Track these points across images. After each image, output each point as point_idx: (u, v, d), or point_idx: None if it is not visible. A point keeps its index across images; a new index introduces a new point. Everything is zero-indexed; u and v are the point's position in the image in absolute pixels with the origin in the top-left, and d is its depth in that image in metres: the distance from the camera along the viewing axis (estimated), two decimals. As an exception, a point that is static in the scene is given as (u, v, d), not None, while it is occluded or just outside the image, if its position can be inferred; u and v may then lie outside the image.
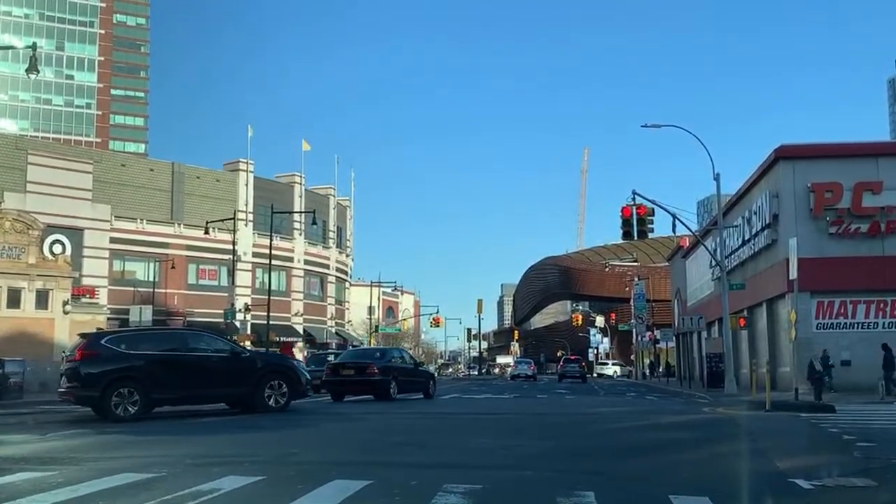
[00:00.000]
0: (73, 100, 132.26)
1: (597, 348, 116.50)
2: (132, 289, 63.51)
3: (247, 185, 75.21)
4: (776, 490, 7.74)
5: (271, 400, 19.56)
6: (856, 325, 31.50)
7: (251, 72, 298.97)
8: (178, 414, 18.59)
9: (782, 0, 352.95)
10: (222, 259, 68.67)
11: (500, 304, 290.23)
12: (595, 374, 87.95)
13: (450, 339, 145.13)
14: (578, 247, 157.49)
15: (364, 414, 19.76)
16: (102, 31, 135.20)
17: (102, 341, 18.55)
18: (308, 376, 21.54)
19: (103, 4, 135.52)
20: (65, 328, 47.85)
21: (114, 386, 17.56)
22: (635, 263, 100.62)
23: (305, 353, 68.24)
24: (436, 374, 38.51)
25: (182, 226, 69.69)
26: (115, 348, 18.28)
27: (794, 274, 23.82)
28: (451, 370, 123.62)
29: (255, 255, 71.65)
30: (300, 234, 79.72)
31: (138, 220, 67.56)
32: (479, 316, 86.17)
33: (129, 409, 17.61)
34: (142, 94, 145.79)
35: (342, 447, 12.09)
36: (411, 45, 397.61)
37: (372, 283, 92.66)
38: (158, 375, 18.16)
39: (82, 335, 20.03)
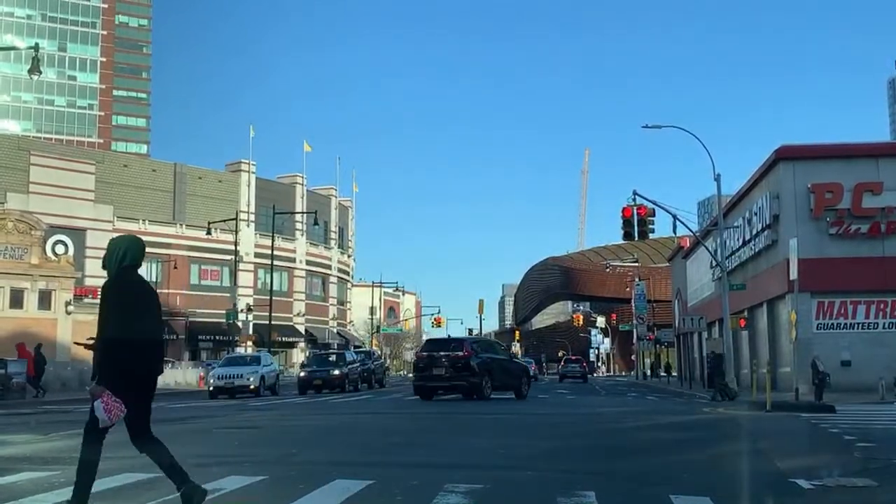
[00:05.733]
0: (75, 100, 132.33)
1: (598, 348, 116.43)
2: (134, 289, 63.47)
3: (249, 185, 75.26)
4: (777, 490, 7.77)
5: (527, 392, 28.36)
6: (856, 326, 31.46)
7: (253, 72, 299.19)
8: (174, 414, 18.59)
9: (782, 1, 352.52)
10: (224, 259, 68.72)
11: (502, 304, 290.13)
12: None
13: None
14: (579, 247, 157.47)
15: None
16: (104, 32, 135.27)
17: (469, 343, 27.35)
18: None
19: (105, 5, 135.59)
20: (67, 328, 47.93)
21: (483, 375, 25.57)
22: (636, 264, 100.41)
23: (307, 353, 68.38)
24: None
25: (184, 226, 69.74)
26: (475, 349, 26.64)
27: (794, 274, 23.80)
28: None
29: (257, 255, 71.70)
30: (302, 235, 79.76)
31: (140, 221, 67.61)
32: (481, 316, 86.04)
33: (488, 391, 25.86)
34: (144, 95, 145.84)
35: (343, 447, 12.12)
36: (412, 44, 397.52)
37: (374, 283, 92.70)
38: (493, 370, 26.44)
39: (452, 339, 30.10)
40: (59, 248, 55.99)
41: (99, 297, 5.87)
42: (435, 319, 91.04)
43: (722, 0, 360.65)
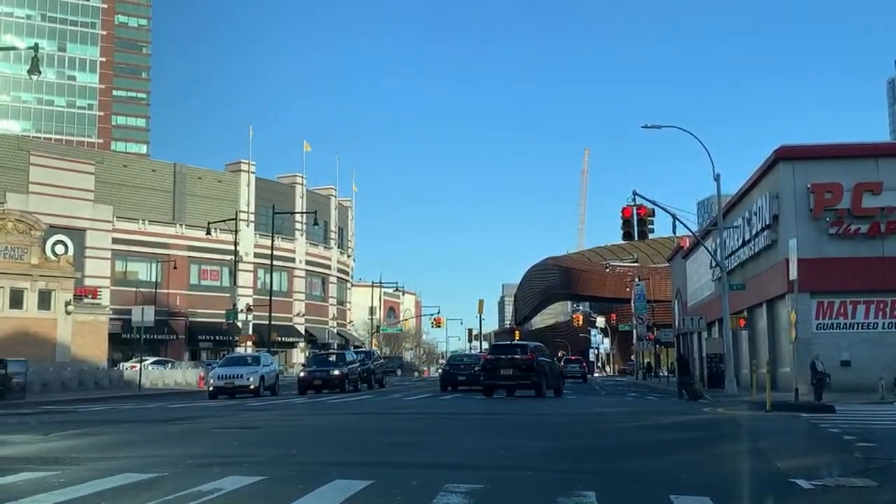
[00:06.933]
0: (74, 101, 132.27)
1: (597, 349, 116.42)
2: (134, 289, 63.56)
3: (248, 185, 75.26)
4: (777, 490, 7.77)
5: (563, 390, 33.16)
6: (856, 326, 31.48)
7: (253, 73, 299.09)
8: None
9: (782, 2, 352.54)
10: (224, 259, 68.71)
11: (501, 304, 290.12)
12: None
13: (451, 340, 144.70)
14: (579, 247, 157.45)
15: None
16: (104, 32, 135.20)
17: (531, 348, 30.63)
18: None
19: (105, 5, 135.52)
20: (67, 328, 47.94)
21: (542, 376, 29.35)
22: (636, 264, 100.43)
23: (307, 354, 68.39)
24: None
25: (184, 226, 69.74)
26: (537, 353, 30.19)
27: (794, 274, 23.81)
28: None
29: (256, 255, 71.71)
30: (302, 235, 79.76)
31: (140, 221, 67.61)
32: (481, 316, 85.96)
33: (545, 390, 29.55)
34: (143, 95, 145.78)
35: (342, 447, 12.11)
36: (412, 44, 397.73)
37: (373, 283, 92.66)
38: (546, 372, 30.22)
39: (518, 344, 33.25)
40: (59, 249, 55.94)
41: None
42: (435, 319, 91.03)
43: (722, 1, 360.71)
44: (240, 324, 65.56)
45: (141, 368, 42.20)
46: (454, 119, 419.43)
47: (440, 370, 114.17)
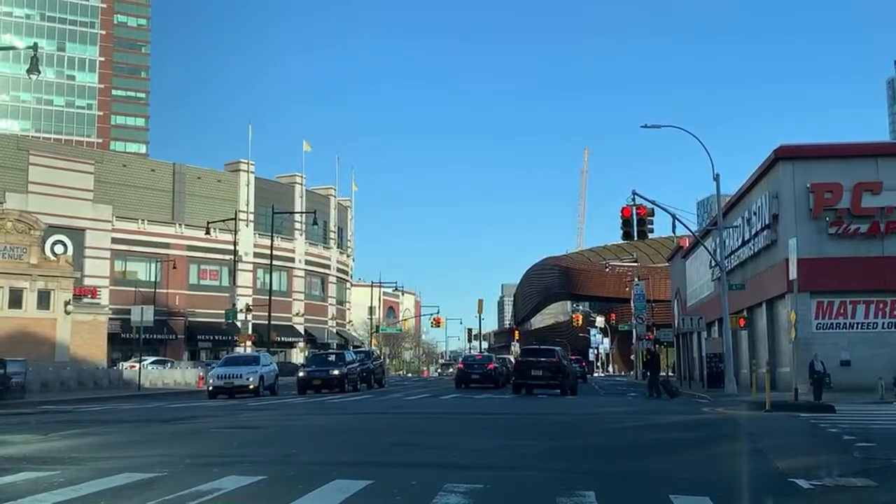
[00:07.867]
0: (74, 100, 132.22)
1: (597, 348, 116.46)
2: (133, 289, 63.50)
3: (248, 185, 75.21)
4: (776, 490, 7.77)
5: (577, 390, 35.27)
6: (855, 326, 31.48)
7: (252, 72, 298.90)
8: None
9: (781, 2, 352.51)
10: (223, 259, 68.66)
11: (501, 304, 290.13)
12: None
13: (450, 340, 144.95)
14: (579, 247, 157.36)
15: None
16: (103, 32, 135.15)
17: (558, 352, 34.30)
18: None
19: (104, 5, 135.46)
20: (66, 328, 47.92)
21: (567, 377, 32.64)
22: (635, 264, 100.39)
23: (306, 353, 68.39)
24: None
25: (183, 226, 69.69)
26: (560, 355, 33.81)
27: (793, 274, 23.81)
28: (451, 370, 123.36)
29: (256, 255, 71.66)
30: (301, 235, 79.72)
31: (139, 221, 67.56)
32: (480, 316, 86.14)
33: (569, 390, 32.40)
34: (143, 95, 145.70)
35: (342, 447, 12.12)
36: (412, 45, 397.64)
37: (373, 283, 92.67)
38: (569, 373, 33.50)
39: (547, 349, 36.08)
40: (59, 248, 55.93)
41: None
42: (434, 319, 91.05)
43: (722, 1, 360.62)
44: (239, 323, 65.54)
45: (140, 368, 42.18)
46: (454, 119, 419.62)
47: (439, 370, 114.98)
